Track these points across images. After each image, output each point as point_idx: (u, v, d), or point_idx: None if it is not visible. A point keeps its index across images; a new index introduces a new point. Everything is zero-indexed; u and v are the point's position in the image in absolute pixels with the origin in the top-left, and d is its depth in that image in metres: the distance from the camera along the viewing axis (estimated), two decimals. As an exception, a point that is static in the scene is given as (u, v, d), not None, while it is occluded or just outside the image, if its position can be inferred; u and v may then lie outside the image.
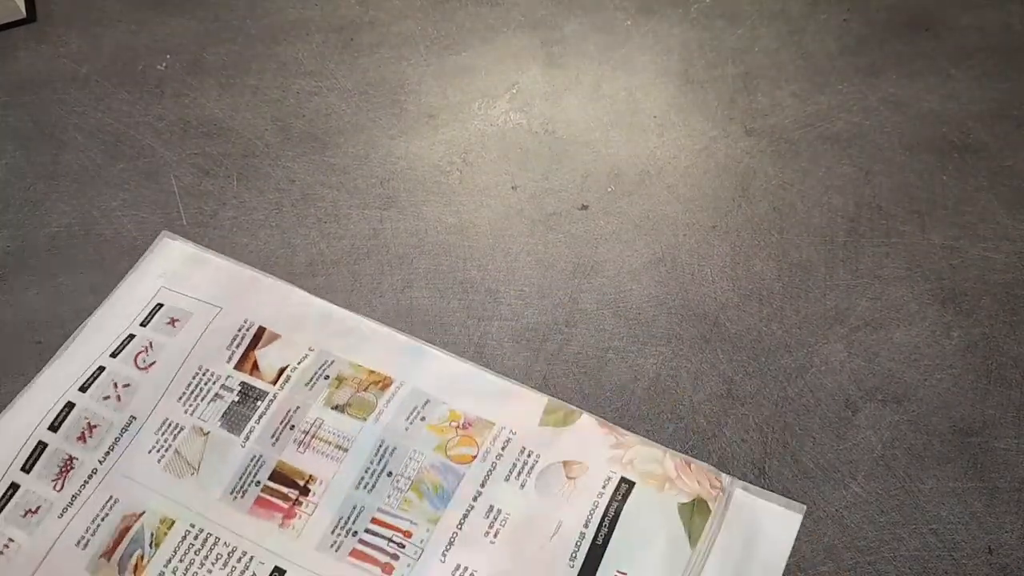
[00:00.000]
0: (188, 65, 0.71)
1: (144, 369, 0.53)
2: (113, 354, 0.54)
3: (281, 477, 0.48)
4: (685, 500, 0.46)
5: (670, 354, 0.53)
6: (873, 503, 0.47)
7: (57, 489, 0.49)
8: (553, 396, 0.51)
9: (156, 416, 0.51)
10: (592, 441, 0.49)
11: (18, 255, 0.60)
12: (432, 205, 0.61)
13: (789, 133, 0.63)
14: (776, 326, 0.54)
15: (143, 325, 0.55)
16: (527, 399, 0.51)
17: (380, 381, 0.52)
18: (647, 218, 0.60)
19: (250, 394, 0.51)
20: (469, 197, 0.62)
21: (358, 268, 0.58)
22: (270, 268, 0.58)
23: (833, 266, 0.57)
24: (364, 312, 0.56)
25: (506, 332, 0.55)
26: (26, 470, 0.49)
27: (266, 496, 0.48)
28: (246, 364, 0.53)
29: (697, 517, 0.45)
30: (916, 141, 0.62)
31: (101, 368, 0.53)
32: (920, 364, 0.52)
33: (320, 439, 0.50)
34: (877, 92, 0.65)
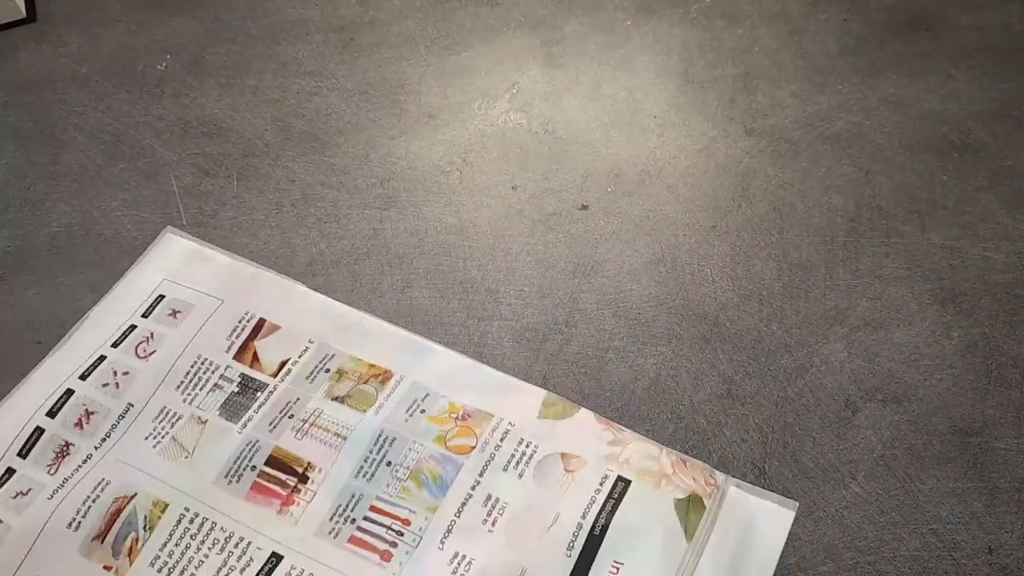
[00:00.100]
0: (188, 65, 0.71)
1: (144, 358, 0.53)
2: (114, 344, 0.54)
3: (278, 463, 0.49)
4: (681, 496, 0.46)
5: (670, 354, 0.53)
6: (873, 503, 0.47)
7: (51, 473, 0.49)
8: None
9: (154, 404, 0.51)
10: (590, 436, 0.49)
11: (18, 255, 0.60)
12: (432, 205, 0.61)
13: (789, 133, 0.63)
14: (776, 326, 0.54)
15: (145, 316, 0.55)
16: (526, 392, 0.51)
17: (380, 375, 0.52)
18: (647, 218, 0.60)
19: (250, 385, 0.52)
20: (469, 197, 0.62)
21: (358, 268, 0.58)
22: (270, 267, 0.58)
23: (833, 266, 0.57)
24: (364, 312, 0.56)
25: (506, 332, 0.55)
26: (23, 455, 0.49)
27: (263, 482, 0.48)
28: (245, 355, 0.53)
29: (693, 513, 0.46)
30: (916, 141, 0.62)
31: (102, 357, 0.53)
32: (920, 364, 0.52)
33: (319, 427, 0.50)
34: (877, 92, 0.65)
